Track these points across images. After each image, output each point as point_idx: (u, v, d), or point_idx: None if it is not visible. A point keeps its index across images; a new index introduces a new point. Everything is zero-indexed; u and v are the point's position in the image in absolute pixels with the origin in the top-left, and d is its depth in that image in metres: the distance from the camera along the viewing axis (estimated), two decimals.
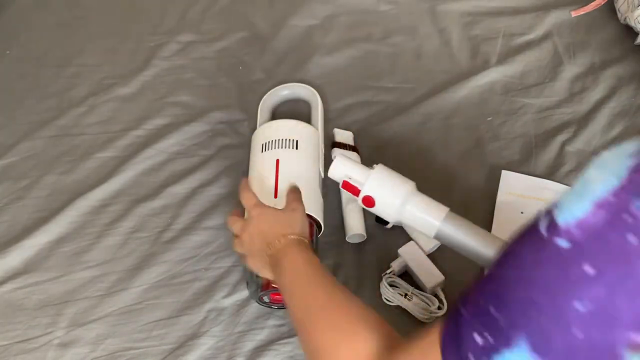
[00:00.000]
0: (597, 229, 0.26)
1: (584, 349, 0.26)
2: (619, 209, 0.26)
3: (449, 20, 1.17)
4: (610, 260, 0.25)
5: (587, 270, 0.26)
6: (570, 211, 0.28)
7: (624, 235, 0.25)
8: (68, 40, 1.17)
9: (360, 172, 0.77)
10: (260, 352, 0.79)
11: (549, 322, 0.27)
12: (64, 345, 0.81)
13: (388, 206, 0.74)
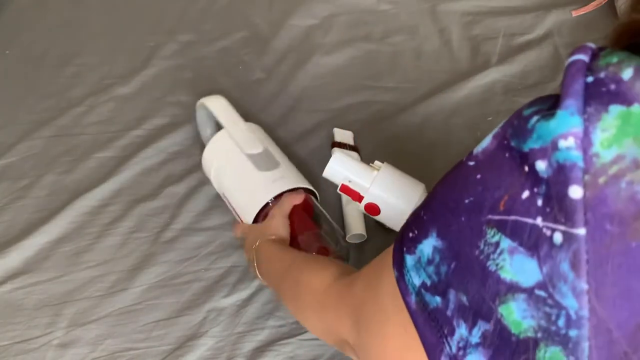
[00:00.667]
0: (490, 151, 0.36)
1: (466, 229, 0.36)
2: (502, 136, 0.36)
3: (449, 20, 1.17)
4: (491, 168, 0.36)
5: (478, 177, 0.36)
6: (481, 143, 0.38)
7: (502, 152, 0.35)
8: (67, 40, 1.17)
9: (362, 173, 0.66)
10: (260, 353, 0.79)
11: (450, 214, 0.37)
12: (64, 346, 0.81)
13: (396, 215, 0.64)
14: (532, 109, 0.34)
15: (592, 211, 0.30)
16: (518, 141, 0.34)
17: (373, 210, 0.65)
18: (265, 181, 0.81)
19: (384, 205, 0.64)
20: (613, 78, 0.31)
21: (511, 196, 0.34)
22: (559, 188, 0.31)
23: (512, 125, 0.35)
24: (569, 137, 0.31)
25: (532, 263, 0.32)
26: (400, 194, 0.64)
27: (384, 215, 0.65)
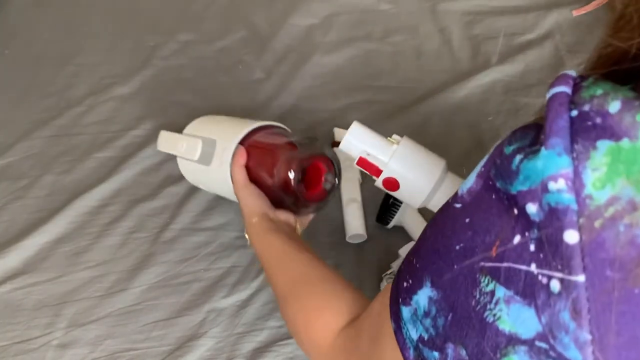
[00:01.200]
0: (475, 191, 0.36)
1: (460, 278, 0.34)
2: (486, 176, 0.35)
3: (449, 20, 1.17)
4: (479, 211, 0.35)
5: (466, 220, 0.35)
6: (465, 183, 0.37)
7: (488, 194, 0.34)
8: (67, 40, 1.17)
9: (381, 146, 0.63)
10: (260, 353, 0.79)
11: (442, 262, 0.36)
12: (63, 346, 0.80)
13: (415, 192, 0.61)
14: (513, 146, 0.33)
15: (590, 256, 0.29)
16: (504, 182, 0.33)
17: (391, 185, 0.61)
18: (217, 170, 0.78)
19: (403, 180, 0.60)
20: (599, 111, 0.30)
21: (503, 241, 0.32)
22: (553, 232, 0.30)
23: (494, 164, 0.34)
24: (559, 179, 0.29)
25: (529, 312, 0.31)
26: (421, 169, 0.61)
27: (403, 191, 0.61)
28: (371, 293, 0.82)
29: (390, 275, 0.83)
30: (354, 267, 0.86)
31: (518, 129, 0.35)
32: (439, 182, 0.60)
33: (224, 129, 0.81)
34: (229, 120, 0.84)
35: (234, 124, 0.81)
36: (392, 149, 0.61)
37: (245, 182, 0.74)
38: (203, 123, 0.86)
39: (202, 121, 0.86)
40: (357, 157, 0.63)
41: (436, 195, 0.61)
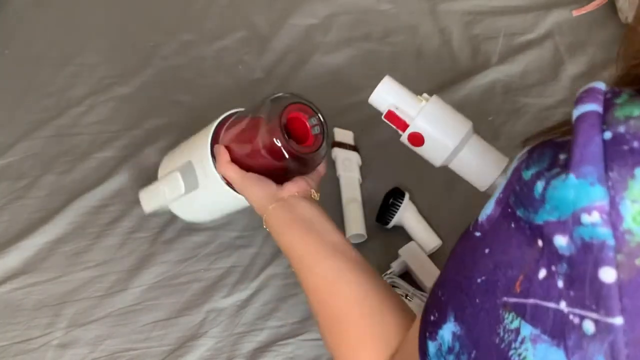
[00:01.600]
0: (494, 219, 0.34)
1: (482, 313, 0.32)
2: (505, 203, 0.33)
3: (449, 20, 1.17)
4: (498, 242, 0.33)
5: (486, 251, 0.33)
6: (485, 210, 0.35)
7: (507, 222, 0.32)
8: (67, 40, 1.17)
9: (410, 101, 0.63)
10: (260, 353, 0.79)
11: (465, 296, 0.34)
12: (63, 346, 0.81)
13: (439, 149, 0.61)
14: (531, 170, 0.31)
15: (630, 297, 0.26)
16: (526, 211, 0.31)
17: (417, 140, 0.61)
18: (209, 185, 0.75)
19: (429, 136, 0.61)
20: (636, 134, 0.27)
21: (527, 276, 0.30)
22: (586, 269, 0.27)
23: (513, 191, 0.32)
24: (593, 212, 0.27)
25: (558, 354, 0.28)
26: (447, 126, 0.61)
27: (426, 148, 0.62)
28: None
29: (390, 275, 0.83)
30: None
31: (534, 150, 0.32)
32: (463, 142, 0.60)
33: (191, 147, 0.78)
34: (193, 137, 0.80)
35: (198, 137, 0.78)
36: (420, 105, 0.62)
37: (241, 175, 0.70)
38: (171, 157, 0.83)
39: (169, 156, 0.83)
40: (385, 110, 0.63)
41: (458, 155, 0.61)
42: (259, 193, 0.67)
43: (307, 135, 0.71)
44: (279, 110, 0.67)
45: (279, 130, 0.66)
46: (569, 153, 0.28)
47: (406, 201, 0.88)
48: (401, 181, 0.93)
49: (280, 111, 0.67)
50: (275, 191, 0.67)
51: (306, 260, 0.61)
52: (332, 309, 0.57)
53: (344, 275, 0.58)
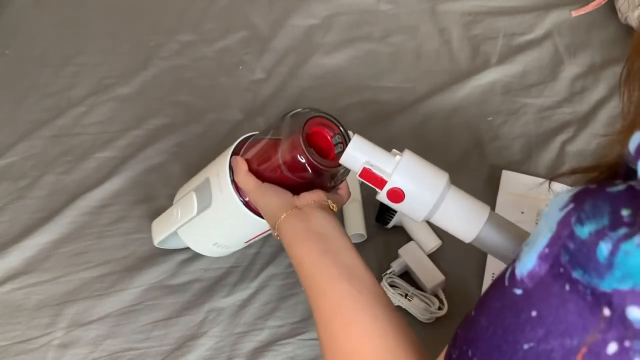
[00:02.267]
0: (540, 278, 0.30)
1: None
2: (553, 260, 0.29)
3: (449, 20, 1.17)
4: (548, 305, 0.29)
5: (533, 314, 0.30)
6: (524, 263, 0.31)
7: (559, 283, 0.29)
8: (67, 40, 1.17)
9: (385, 157, 0.60)
10: (260, 353, 0.79)
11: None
12: (64, 346, 0.81)
13: (420, 203, 0.58)
14: (587, 227, 0.28)
15: None
16: (587, 275, 0.27)
17: (396, 196, 0.58)
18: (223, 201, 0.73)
19: (408, 191, 0.58)
20: None
21: (591, 348, 0.27)
22: None
23: (566, 248, 0.29)
24: None
25: None
26: (425, 180, 0.59)
27: (407, 203, 0.58)
28: None
29: (390, 275, 0.83)
30: None
31: (584, 200, 0.28)
32: (443, 194, 0.58)
33: (208, 168, 0.77)
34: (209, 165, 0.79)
35: (216, 160, 0.77)
36: (395, 160, 0.60)
37: (257, 184, 0.66)
38: (185, 186, 0.82)
39: (183, 188, 0.83)
40: (360, 169, 0.60)
41: (440, 208, 0.59)
42: (275, 201, 0.63)
43: (329, 151, 0.69)
44: (300, 124, 0.66)
45: (300, 143, 0.64)
46: (633, 208, 0.26)
47: None
48: None
49: (302, 125, 0.65)
50: (291, 199, 0.63)
51: (319, 282, 0.56)
52: (343, 344, 0.52)
53: (360, 307, 0.54)
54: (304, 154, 0.64)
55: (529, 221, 0.89)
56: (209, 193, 0.73)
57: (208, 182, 0.74)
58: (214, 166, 0.75)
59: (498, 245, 0.58)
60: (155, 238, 0.83)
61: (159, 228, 0.83)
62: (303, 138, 0.64)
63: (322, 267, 0.56)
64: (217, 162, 0.75)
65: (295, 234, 0.60)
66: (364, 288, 0.55)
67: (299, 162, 0.64)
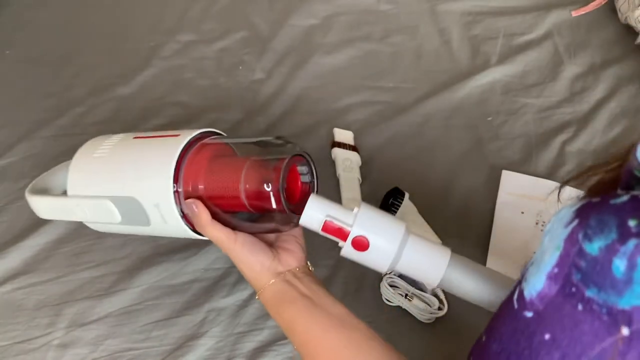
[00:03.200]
0: (551, 298, 0.29)
1: None
2: (564, 280, 0.28)
3: (449, 20, 1.17)
4: (563, 327, 0.28)
5: (546, 337, 0.28)
6: (533, 284, 0.30)
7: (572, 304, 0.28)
8: (68, 40, 1.17)
9: (343, 211, 0.60)
10: (260, 353, 0.79)
11: None
12: (64, 346, 0.81)
13: (383, 252, 0.59)
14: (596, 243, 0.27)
15: None
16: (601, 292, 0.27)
17: (361, 245, 0.58)
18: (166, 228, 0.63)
19: (372, 239, 0.58)
20: None
21: None
22: None
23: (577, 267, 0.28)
24: None
25: None
26: (385, 227, 0.59)
27: (371, 252, 0.59)
28: (371, 293, 0.83)
29: (390, 275, 0.83)
30: (354, 267, 0.86)
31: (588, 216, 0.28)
32: (403, 241, 0.58)
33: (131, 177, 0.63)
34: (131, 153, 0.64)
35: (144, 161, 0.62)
36: (354, 212, 0.59)
37: (232, 238, 0.59)
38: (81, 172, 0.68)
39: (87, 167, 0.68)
40: (321, 224, 0.59)
41: (402, 256, 0.59)
42: (255, 266, 0.60)
43: (296, 185, 0.63)
44: (280, 164, 0.58)
45: (279, 189, 0.57)
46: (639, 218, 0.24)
47: (406, 201, 0.88)
48: (401, 181, 0.93)
49: (282, 166, 0.58)
50: (274, 264, 0.60)
51: (313, 332, 0.55)
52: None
53: (359, 347, 0.53)
54: (280, 201, 0.57)
55: (529, 221, 0.89)
56: (144, 215, 0.62)
57: (137, 203, 0.61)
58: (146, 187, 0.61)
59: (466, 286, 0.58)
60: (40, 214, 0.71)
61: (47, 209, 0.70)
62: (282, 186, 0.57)
63: (315, 322, 0.56)
64: (147, 178, 0.61)
65: (283, 299, 0.58)
66: (359, 331, 0.55)
67: (270, 206, 0.58)
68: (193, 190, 0.60)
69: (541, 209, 0.90)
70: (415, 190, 0.92)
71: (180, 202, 0.60)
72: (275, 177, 0.57)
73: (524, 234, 0.87)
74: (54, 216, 0.72)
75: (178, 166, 0.60)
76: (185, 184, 0.60)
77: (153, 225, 0.63)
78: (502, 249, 0.86)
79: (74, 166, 0.69)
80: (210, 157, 0.61)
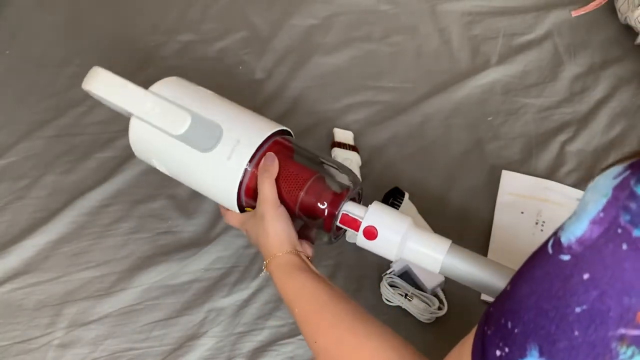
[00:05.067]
0: (592, 241, 0.30)
1: (583, 347, 0.29)
2: (610, 222, 0.29)
3: (449, 20, 1.17)
4: (603, 266, 0.29)
5: (585, 277, 0.30)
6: (572, 231, 0.31)
7: (615, 244, 0.29)
8: (68, 40, 1.17)
9: (358, 206, 0.69)
10: (260, 353, 0.79)
11: (555, 327, 0.30)
12: (64, 346, 0.81)
13: (389, 242, 0.66)
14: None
15: None
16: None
17: (371, 234, 0.67)
18: (219, 163, 0.67)
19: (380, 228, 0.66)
20: None
21: None
22: None
23: (626, 209, 0.29)
24: None
25: None
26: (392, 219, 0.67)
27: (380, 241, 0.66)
28: (371, 293, 0.83)
29: (390, 275, 0.83)
30: (354, 267, 0.86)
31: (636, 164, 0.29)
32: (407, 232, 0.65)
33: (226, 110, 0.70)
34: (229, 104, 0.72)
35: (245, 116, 0.70)
36: (366, 208, 0.68)
37: (277, 202, 0.66)
38: (185, 92, 0.73)
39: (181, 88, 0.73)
40: (339, 217, 0.68)
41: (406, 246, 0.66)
42: (282, 234, 0.65)
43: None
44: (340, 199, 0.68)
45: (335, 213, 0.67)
46: None
47: (406, 201, 0.88)
48: (401, 181, 0.93)
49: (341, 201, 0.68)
50: (296, 241, 0.67)
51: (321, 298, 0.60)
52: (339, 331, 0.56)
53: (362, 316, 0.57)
54: (329, 227, 0.68)
55: (529, 221, 0.89)
56: (214, 140, 0.67)
57: (219, 129, 0.67)
58: (236, 123, 0.68)
59: (465, 272, 0.64)
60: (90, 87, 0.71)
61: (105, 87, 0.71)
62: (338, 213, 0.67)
63: (322, 290, 0.60)
64: (241, 123, 0.68)
65: (296, 267, 0.64)
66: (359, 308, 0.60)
67: (319, 215, 0.68)
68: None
69: (541, 208, 0.90)
70: (415, 190, 0.92)
71: (253, 158, 0.67)
72: (335, 202, 0.67)
73: (524, 234, 0.87)
74: (108, 96, 0.70)
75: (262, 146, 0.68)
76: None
77: (210, 154, 0.66)
78: (502, 248, 0.86)
79: (168, 81, 0.74)
80: (288, 155, 0.70)
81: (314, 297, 0.60)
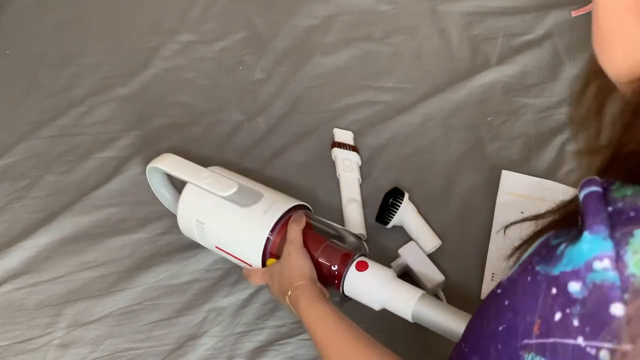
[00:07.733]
0: (513, 277, 0.39)
1: (504, 357, 0.38)
2: (527, 263, 0.38)
3: (449, 20, 1.17)
4: (515, 293, 0.38)
5: (506, 303, 0.39)
6: (511, 273, 0.40)
7: (525, 277, 0.37)
8: (68, 40, 1.17)
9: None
10: (260, 353, 0.79)
11: (488, 343, 0.39)
12: (64, 346, 0.81)
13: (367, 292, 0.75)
14: (559, 239, 0.37)
15: (637, 327, 0.31)
16: (546, 266, 0.36)
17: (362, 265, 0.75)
18: (256, 215, 0.79)
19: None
20: (631, 207, 0.34)
21: (544, 319, 0.35)
22: (599, 307, 0.32)
23: (539, 254, 0.38)
24: (604, 259, 0.33)
25: None
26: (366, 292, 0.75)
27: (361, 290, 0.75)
28: None
29: None
30: None
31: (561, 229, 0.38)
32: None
33: (266, 189, 0.83)
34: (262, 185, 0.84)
35: (276, 194, 0.83)
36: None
37: (302, 244, 0.76)
38: (230, 174, 0.85)
39: (226, 172, 0.86)
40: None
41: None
42: (306, 269, 0.74)
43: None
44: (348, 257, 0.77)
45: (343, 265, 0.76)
46: (583, 224, 0.35)
47: (406, 201, 0.88)
48: (401, 181, 0.93)
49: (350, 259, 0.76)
50: (315, 277, 0.74)
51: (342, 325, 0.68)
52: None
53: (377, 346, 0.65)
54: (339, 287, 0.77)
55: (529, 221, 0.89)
56: (253, 201, 0.79)
57: (260, 194, 0.80)
58: (271, 193, 0.82)
59: (435, 320, 0.70)
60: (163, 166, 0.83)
61: (174, 164, 0.83)
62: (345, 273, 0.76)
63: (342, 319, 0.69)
64: (275, 194, 0.82)
65: (319, 296, 0.71)
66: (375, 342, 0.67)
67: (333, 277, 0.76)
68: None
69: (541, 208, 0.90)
70: (415, 190, 0.92)
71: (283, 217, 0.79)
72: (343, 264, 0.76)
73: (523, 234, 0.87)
74: (171, 168, 0.83)
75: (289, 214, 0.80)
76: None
77: (246, 210, 0.79)
78: (502, 248, 0.86)
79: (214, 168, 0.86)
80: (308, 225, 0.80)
81: (336, 324, 0.68)
